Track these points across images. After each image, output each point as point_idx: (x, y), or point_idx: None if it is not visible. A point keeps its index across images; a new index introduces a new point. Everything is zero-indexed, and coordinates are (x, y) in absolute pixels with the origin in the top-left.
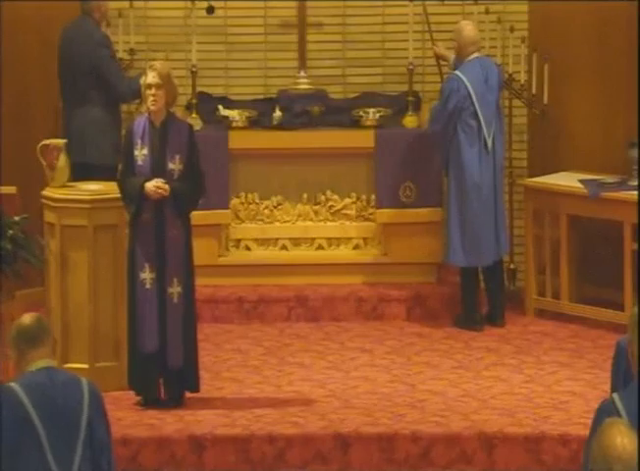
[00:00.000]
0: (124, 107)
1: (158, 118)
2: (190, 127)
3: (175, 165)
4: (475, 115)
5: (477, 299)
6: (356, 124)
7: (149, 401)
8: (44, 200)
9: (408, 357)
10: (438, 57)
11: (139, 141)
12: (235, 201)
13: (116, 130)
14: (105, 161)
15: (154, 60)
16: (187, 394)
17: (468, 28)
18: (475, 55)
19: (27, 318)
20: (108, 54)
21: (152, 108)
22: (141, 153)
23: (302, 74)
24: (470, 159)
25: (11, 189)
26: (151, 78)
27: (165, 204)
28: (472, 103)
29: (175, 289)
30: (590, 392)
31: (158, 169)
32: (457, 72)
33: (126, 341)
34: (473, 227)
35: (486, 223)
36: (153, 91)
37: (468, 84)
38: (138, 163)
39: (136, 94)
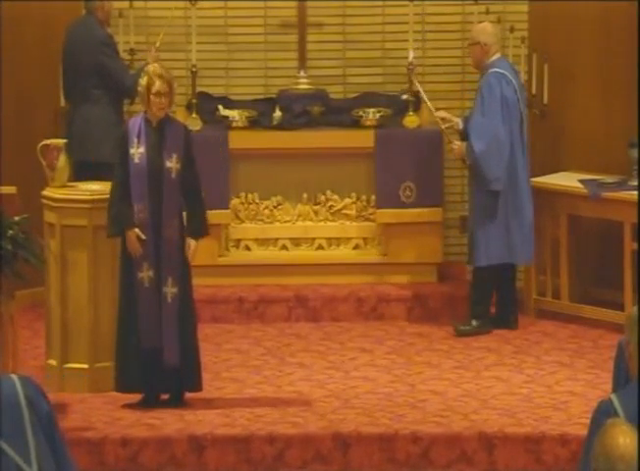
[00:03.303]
0: (125, 106)
1: (155, 117)
2: (186, 128)
3: (172, 163)
4: (519, 110)
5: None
6: (356, 124)
7: (148, 401)
8: (44, 200)
9: (409, 357)
10: (443, 120)
11: (136, 140)
12: (235, 201)
13: (119, 129)
14: (108, 159)
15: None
16: (188, 395)
17: (491, 27)
18: (498, 54)
19: None
20: (111, 52)
21: (159, 114)
22: (138, 151)
23: (302, 74)
24: (514, 153)
25: (11, 189)
26: (159, 86)
27: (161, 204)
28: (518, 99)
29: (169, 289)
30: (590, 391)
31: (155, 167)
32: (498, 69)
33: (121, 342)
34: (518, 223)
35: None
36: (162, 100)
37: (512, 79)
38: (135, 161)
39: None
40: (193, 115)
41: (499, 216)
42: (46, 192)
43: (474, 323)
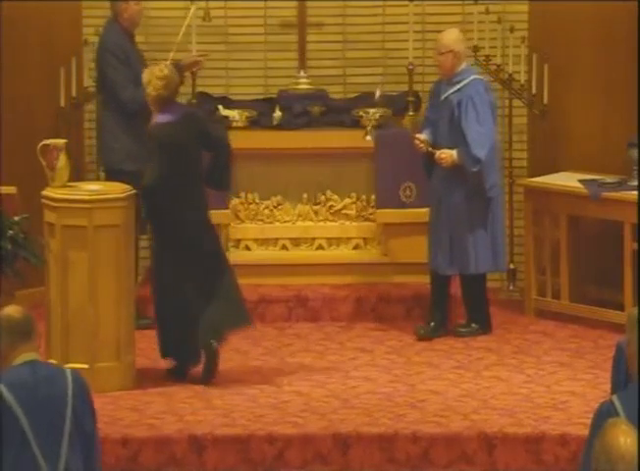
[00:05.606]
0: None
1: None
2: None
3: None
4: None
5: None
6: (356, 124)
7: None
8: (44, 200)
9: (408, 357)
10: (422, 142)
11: None
12: (235, 201)
13: (129, 136)
14: (118, 166)
15: (155, 60)
16: (188, 395)
17: (460, 34)
18: (466, 61)
19: (15, 311)
20: (116, 62)
21: None
22: None
23: (302, 74)
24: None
25: (11, 189)
26: None
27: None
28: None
29: None
30: (590, 392)
31: None
32: (477, 76)
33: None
34: (500, 230)
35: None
36: None
37: (488, 85)
38: None
39: (141, 104)
40: None
41: (487, 223)
42: (46, 192)
43: (474, 326)
